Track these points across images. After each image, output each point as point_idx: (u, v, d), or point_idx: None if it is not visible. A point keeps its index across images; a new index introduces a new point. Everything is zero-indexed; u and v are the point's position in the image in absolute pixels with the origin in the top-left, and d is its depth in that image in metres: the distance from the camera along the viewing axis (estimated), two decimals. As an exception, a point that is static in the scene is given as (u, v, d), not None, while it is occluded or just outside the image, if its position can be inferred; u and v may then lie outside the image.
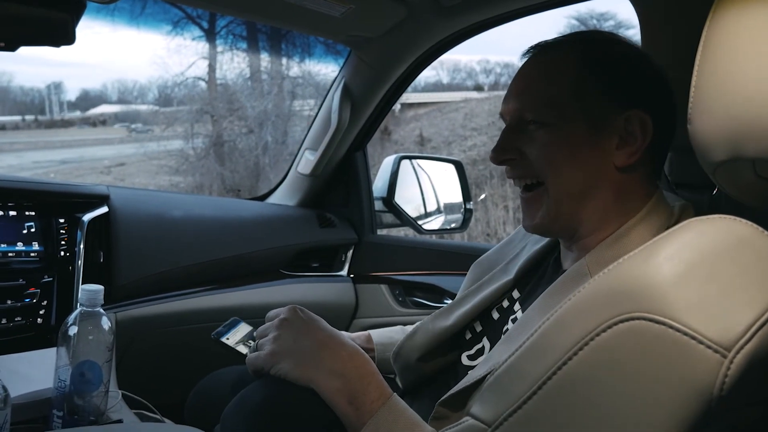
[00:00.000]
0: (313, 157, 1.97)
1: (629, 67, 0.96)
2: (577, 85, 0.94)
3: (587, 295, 0.63)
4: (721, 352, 0.54)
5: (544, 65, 0.99)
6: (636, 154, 0.92)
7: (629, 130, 0.92)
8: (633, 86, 0.94)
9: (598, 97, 0.93)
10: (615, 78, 0.94)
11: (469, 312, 1.11)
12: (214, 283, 1.78)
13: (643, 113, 0.92)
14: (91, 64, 15.42)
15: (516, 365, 0.67)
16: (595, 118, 0.93)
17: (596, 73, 0.94)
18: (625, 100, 0.93)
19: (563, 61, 0.97)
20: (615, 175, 0.93)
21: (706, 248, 0.59)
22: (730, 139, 0.59)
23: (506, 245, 1.21)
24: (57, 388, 1.15)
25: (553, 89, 0.95)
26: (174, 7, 8.35)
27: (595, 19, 9.55)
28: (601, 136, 0.93)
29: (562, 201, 0.95)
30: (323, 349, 0.97)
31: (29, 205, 1.48)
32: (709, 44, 0.63)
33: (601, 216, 0.94)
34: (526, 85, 0.99)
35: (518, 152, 0.98)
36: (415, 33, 1.63)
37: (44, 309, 1.43)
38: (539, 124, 0.95)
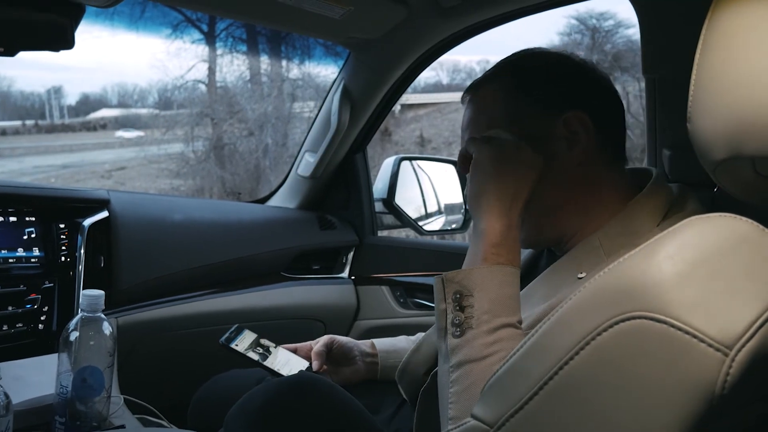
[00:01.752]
0: (313, 160, 1.97)
1: (553, 74, 1.02)
2: (510, 108, 1.00)
3: (587, 295, 0.63)
4: (723, 351, 0.54)
5: (480, 101, 1.05)
6: (587, 149, 0.97)
7: (571, 130, 0.97)
8: (561, 90, 1.00)
9: (532, 114, 0.99)
10: (541, 91, 1.00)
11: None
12: (215, 287, 1.78)
13: (577, 112, 0.96)
14: (91, 68, 15.44)
15: (517, 365, 0.67)
16: (537, 131, 0.98)
17: (525, 92, 1.00)
18: (557, 106, 0.98)
19: (492, 93, 1.03)
20: (578, 172, 0.97)
21: (706, 246, 0.59)
22: (730, 138, 0.59)
23: None
24: (59, 394, 1.15)
25: (491, 121, 1.01)
26: (173, 11, 8.34)
27: (594, 18, 9.54)
28: (550, 145, 0.97)
29: (541, 216, 0.99)
30: (509, 198, 0.93)
31: (29, 211, 1.48)
32: (708, 42, 0.62)
33: (582, 212, 0.98)
34: (469, 123, 1.05)
35: None
36: (415, 34, 1.63)
37: (45, 315, 1.43)
38: None
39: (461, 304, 0.87)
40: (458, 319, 0.87)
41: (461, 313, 0.87)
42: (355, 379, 1.30)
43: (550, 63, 1.04)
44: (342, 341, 1.31)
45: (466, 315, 0.86)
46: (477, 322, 0.86)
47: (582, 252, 0.95)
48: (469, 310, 0.87)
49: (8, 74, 12.84)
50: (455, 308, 0.87)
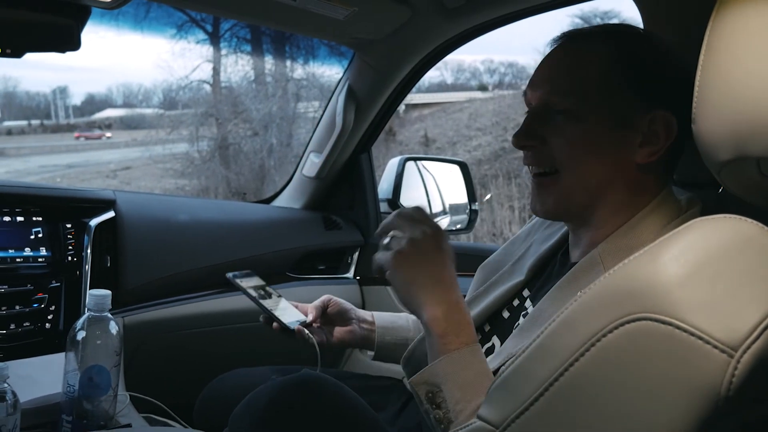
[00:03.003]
0: (318, 160, 1.97)
1: (657, 66, 0.96)
2: (606, 79, 0.94)
3: (593, 296, 0.63)
4: (728, 352, 0.54)
5: (573, 54, 0.99)
6: (657, 153, 0.93)
7: (653, 129, 0.92)
8: (660, 86, 0.94)
9: (625, 94, 0.93)
10: (643, 77, 0.94)
11: (481, 314, 1.12)
12: (220, 287, 1.78)
13: (668, 114, 0.92)
14: (96, 69, 15.51)
15: (523, 366, 0.67)
16: (621, 114, 0.94)
17: (625, 69, 0.94)
18: (651, 99, 0.93)
19: (593, 54, 0.97)
20: (632, 171, 0.94)
21: (711, 248, 0.59)
22: (735, 139, 0.59)
23: (510, 246, 1.22)
24: (66, 392, 1.15)
25: (581, 80, 0.95)
26: (178, 11, 8.36)
27: (599, 17, 9.53)
28: (625, 133, 0.93)
29: (576, 192, 0.96)
30: (440, 284, 0.95)
31: (36, 211, 1.48)
32: (712, 43, 0.63)
33: (613, 209, 0.96)
34: (555, 73, 0.99)
35: (540, 139, 0.98)
36: (419, 34, 1.63)
37: (52, 314, 1.44)
38: (565, 113, 0.95)
39: (435, 401, 0.89)
40: (437, 416, 0.88)
41: (439, 411, 0.89)
42: (349, 339, 1.30)
43: (661, 54, 0.97)
44: (338, 301, 1.32)
45: (443, 411, 0.88)
46: (454, 414, 0.87)
47: (583, 269, 0.95)
48: (444, 405, 0.89)
49: (14, 75, 12.91)
50: (432, 407, 0.89)
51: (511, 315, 1.09)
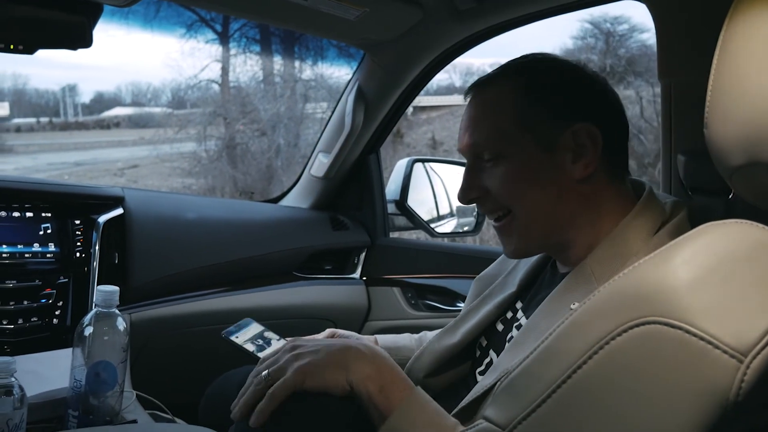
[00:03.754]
0: (326, 160, 1.97)
1: (565, 83, 1.00)
2: (518, 112, 0.97)
3: (602, 299, 0.63)
4: (738, 357, 0.54)
5: (485, 101, 1.02)
6: (591, 164, 0.95)
7: (579, 142, 0.95)
8: (572, 100, 0.98)
9: (542, 120, 0.96)
10: (553, 97, 0.98)
11: (475, 327, 1.12)
12: (227, 285, 1.79)
13: (587, 125, 0.94)
14: (105, 67, 15.52)
15: (530, 369, 0.67)
16: (544, 139, 0.96)
17: (535, 97, 0.98)
18: (567, 115, 0.96)
19: (502, 93, 1.00)
20: (578, 188, 0.96)
21: (722, 253, 0.59)
22: (748, 144, 0.59)
23: (504, 259, 1.23)
24: (72, 388, 1.16)
25: (498, 123, 0.98)
26: (188, 10, 8.38)
27: (608, 22, 9.49)
28: (555, 156, 0.96)
29: (532, 225, 0.98)
30: (348, 349, 0.96)
31: (46, 207, 1.49)
32: (726, 48, 0.62)
33: (578, 228, 0.97)
34: (474, 124, 1.02)
35: (482, 189, 1.01)
36: (430, 36, 1.63)
37: (60, 310, 1.44)
38: (494, 158, 0.98)
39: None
40: None
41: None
42: None
43: (564, 69, 1.02)
44: (342, 333, 1.31)
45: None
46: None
47: (574, 281, 0.95)
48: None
49: (24, 72, 12.92)
50: None
51: (505, 327, 1.09)
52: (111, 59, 15.76)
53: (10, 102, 13.97)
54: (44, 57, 13.00)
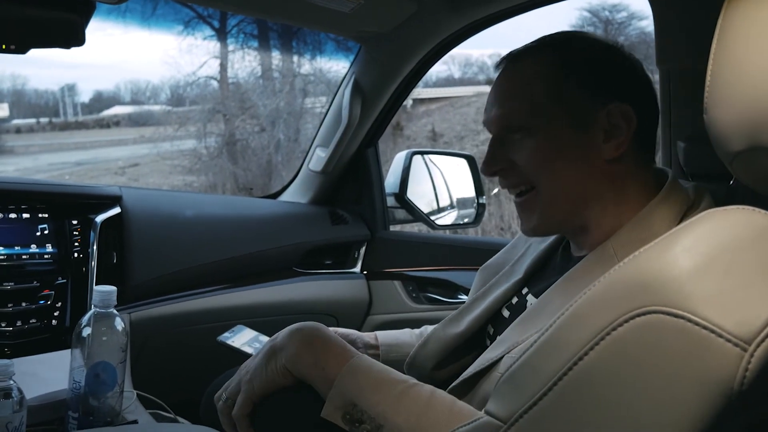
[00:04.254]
0: (324, 154, 1.96)
1: (602, 61, 0.98)
2: (554, 87, 0.96)
3: (602, 289, 0.62)
4: (741, 346, 0.52)
5: (519, 73, 1.01)
6: (623, 145, 0.94)
7: (613, 122, 0.94)
8: (609, 80, 0.97)
9: (576, 96, 0.95)
10: (590, 74, 0.96)
11: (481, 316, 1.11)
12: (227, 282, 1.78)
13: (623, 104, 0.94)
14: (103, 66, 15.51)
15: (531, 361, 0.66)
16: (578, 116, 0.95)
17: (571, 72, 0.96)
18: (603, 94, 0.95)
19: (537, 66, 0.99)
20: (607, 168, 0.95)
21: (724, 240, 0.58)
22: (748, 128, 0.58)
23: (511, 249, 1.22)
24: (72, 389, 1.15)
25: (531, 95, 0.97)
26: (185, 7, 8.38)
27: (607, 10, 9.49)
28: (587, 133, 0.95)
29: (556, 202, 0.97)
30: (275, 339, 0.99)
31: (42, 207, 1.49)
32: (725, 32, 0.61)
33: (603, 209, 0.96)
34: (505, 95, 1.01)
35: (508, 161, 1.00)
36: (426, 27, 1.62)
37: (58, 311, 1.44)
38: (524, 131, 0.97)
39: (355, 419, 0.87)
40: (366, 430, 0.86)
41: (365, 425, 0.86)
42: None
43: (601, 48, 1.00)
44: (343, 333, 1.30)
45: (368, 423, 0.86)
46: (382, 418, 0.86)
47: (595, 260, 0.94)
48: (366, 416, 0.87)
49: (23, 73, 12.92)
50: (357, 426, 0.87)
51: (511, 313, 1.08)
52: (109, 58, 15.75)
53: (9, 103, 13.96)
54: (42, 57, 13.03)
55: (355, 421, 0.87)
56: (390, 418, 0.85)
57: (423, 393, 0.89)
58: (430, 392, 0.89)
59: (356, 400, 0.87)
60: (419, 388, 0.90)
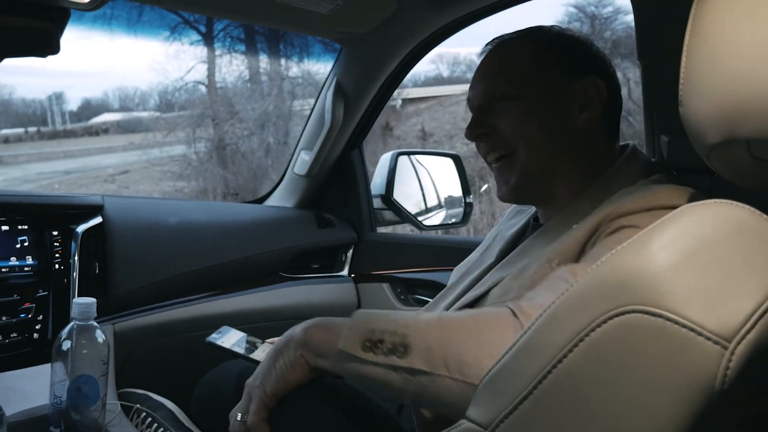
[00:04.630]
0: (308, 158, 1.95)
1: (576, 43, 1.12)
2: (534, 61, 1.09)
3: (580, 289, 0.60)
4: (722, 344, 0.51)
5: (503, 52, 1.13)
6: (595, 116, 1.06)
7: (586, 96, 1.06)
8: (582, 58, 1.10)
9: (554, 70, 1.08)
10: (566, 52, 1.10)
11: (455, 300, 1.13)
12: (213, 289, 1.77)
13: (596, 79, 1.06)
14: (91, 73, 15.50)
15: (510, 365, 0.65)
16: (555, 87, 1.07)
17: (549, 49, 1.10)
18: (577, 69, 1.07)
19: (520, 45, 1.12)
20: (579, 137, 1.06)
21: (702, 235, 0.56)
22: (723, 121, 0.57)
23: (482, 247, 1.28)
24: (53, 404, 1.13)
25: (514, 67, 1.09)
26: (171, 13, 8.34)
27: (593, 5, 9.50)
28: (563, 103, 1.06)
29: (533, 166, 1.07)
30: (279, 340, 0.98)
31: (22, 219, 1.46)
32: (697, 23, 0.60)
33: (572, 175, 1.07)
34: (491, 68, 1.12)
35: (490, 127, 1.10)
36: (406, 27, 1.61)
37: (40, 324, 1.42)
38: (508, 98, 1.08)
39: (374, 341, 0.84)
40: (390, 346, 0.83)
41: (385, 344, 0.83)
42: None
43: (575, 34, 1.13)
44: None
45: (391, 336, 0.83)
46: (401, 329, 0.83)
47: (567, 218, 1.01)
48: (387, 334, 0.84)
49: (9, 82, 12.87)
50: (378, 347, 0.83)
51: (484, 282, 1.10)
52: (97, 65, 15.71)
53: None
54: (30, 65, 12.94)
55: (375, 344, 0.83)
56: (413, 325, 0.83)
57: (432, 313, 0.91)
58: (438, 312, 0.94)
59: (373, 325, 0.85)
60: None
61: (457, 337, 0.80)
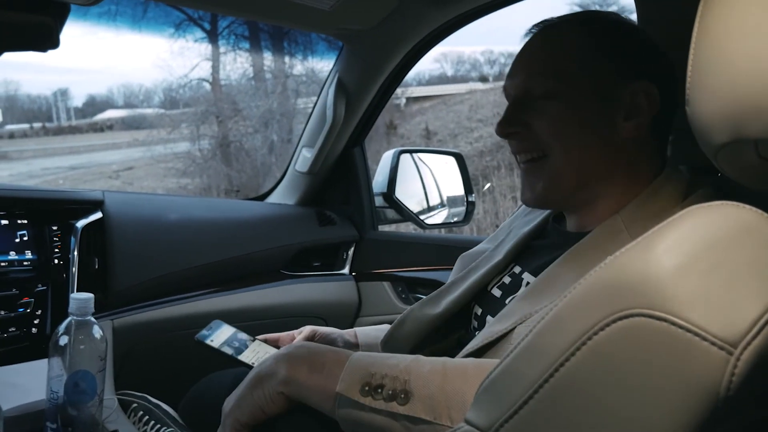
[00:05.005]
0: (310, 155, 1.94)
1: (632, 40, 0.98)
2: (582, 57, 0.96)
3: (583, 292, 0.59)
4: (727, 349, 0.50)
5: (550, 39, 1.00)
6: (643, 126, 0.94)
7: (635, 102, 0.94)
8: (637, 58, 0.96)
9: (604, 69, 0.95)
10: (619, 50, 0.96)
11: (462, 296, 1.10)
12: (213, 286, 1.76)
13: (648, 84, 0.93)
14: (96, 70, 15.59)
15: (511, 367, 0.64)
16: (603, 89, 0.95)
17: (601, 45, 0.96)
18: (630, 72, 0.95)
19: (568, 35, 0.99)
20: (622, 146, 0.95)
21: (708, 237, 0.55)
22: (731, 120, 0.56)
23: (492, 239, 1.22)
24: (50, 399, 1.12)
25: (560, 62, 0.97)
26: (176, 10, 8.36)
27: (597, 4, 9.50)
28: (609, 108, 0.94)
29: (567, 172, 0.96)
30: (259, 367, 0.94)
31: (21, 213, 1.46)
32: (705, 20, 0.59)
33: (612, 185, 0.96)
34: (533, 59, 1.00)
35: (524, 125, 0.99)
36: (408, 23, 1.60)
37: (39, 318, 1.41)
38: (548, 96, 0.96)
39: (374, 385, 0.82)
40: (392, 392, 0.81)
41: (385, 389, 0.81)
42: None
43: (631, 28, 1.01)
44: (324, 332, 1.27)
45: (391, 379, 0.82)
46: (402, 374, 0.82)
47: (604, 234, 0.94)
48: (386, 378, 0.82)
49: (15, 78, 12.94)
50: (378, 393, 0.81)
51: (505, 292, 1.06)
52: (102, 62, 15.75)
53: (2, 108, 13.96)
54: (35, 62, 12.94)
55: (375, 389, 0.81)
56: (414, 370, 0.81)
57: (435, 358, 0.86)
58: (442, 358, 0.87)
59: (372, 369, 0.83)
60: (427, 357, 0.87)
61: (460, 386, 0.79)
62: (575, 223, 1.04)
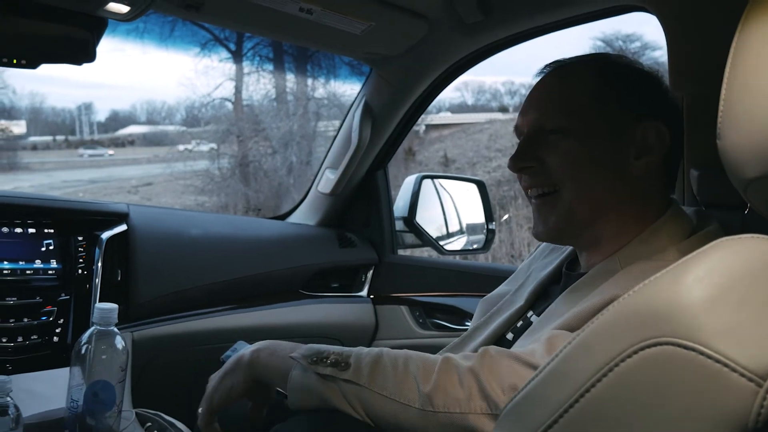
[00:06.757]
0: (333, 176, 1.95)
1: (644, 80, 1.02)
2: (595, 96, 0.99)
3: (611, 318, 0.59)
4: (756, 381, 0.50)
5: (563, 77, 1.03)
6: (653, 164, 0.97)
7: (646, 141, 0.96)
8: (648, 98, 1.00)
9: (615, 108, 0.98)
10: (631, 89, 0.99)
11: (485, 341, 1.10)
12: (232, 303, 1.77)
13: (659, 124, 0.97)
14: (121, 86, 15.82)
15: (536, 391, 0.64)
16: (614, 127, 0.97)
17: (613, 83, 0.99)
18: (641, 111, 0.98)
19: (581, 73, 1.02)
20: (632, 184, 0.97)
21: (737, 270, 0.56)
22: (763, 155, 0.56)
23: (512, 280, 1.22)
24: (69, 408, 1.13)
25: (573, 99, 0.99)
26: (202, 29, 8.48)
27: (620, 40, 9.53)
28: (620, 146, 0.97)
29: (577, 208, 0.98)
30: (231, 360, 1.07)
31: (48, 223, 1.48)
32: (738, 56, 0.60)
33: (619, 223, 0.98)
34: (546, 96, 1.03)
35: (537, 160, 1.01)
36: (437, 50, 1.62)
37: (60, 327, 1.42)
38: (560, 132, 0.98)
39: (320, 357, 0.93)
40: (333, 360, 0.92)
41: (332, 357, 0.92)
42: None
43: (643, 69, 1.04)
44: None
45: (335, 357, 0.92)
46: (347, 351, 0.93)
47: (600, 272, 0.96)
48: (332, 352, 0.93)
49: (41, 90, 13.14)
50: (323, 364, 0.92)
51: (515, 335, 1.07)
52: (127, 78, 15.96)
53: (26, 120, 14.15)
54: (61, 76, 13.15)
55: (321, 359, 0.92)
56: (356, 351, 0.93)
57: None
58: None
59: (324, 350, 0.94)
60: None
61: (392, 363, 0.90)
62: (584, 263, 1.05)
